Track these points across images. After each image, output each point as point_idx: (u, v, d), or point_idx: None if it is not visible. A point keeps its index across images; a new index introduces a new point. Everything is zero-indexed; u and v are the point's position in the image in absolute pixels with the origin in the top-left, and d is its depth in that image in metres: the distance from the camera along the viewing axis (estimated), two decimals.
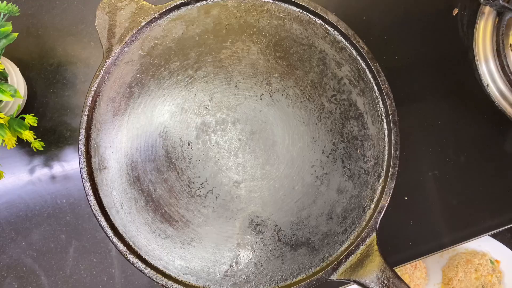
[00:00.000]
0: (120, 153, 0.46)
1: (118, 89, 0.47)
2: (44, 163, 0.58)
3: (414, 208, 0.56)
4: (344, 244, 0.45)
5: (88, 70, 0.60)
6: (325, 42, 0.48)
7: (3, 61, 0.54)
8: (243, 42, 0.48)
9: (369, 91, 0.47)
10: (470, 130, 0.58)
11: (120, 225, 0.45)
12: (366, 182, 0.46)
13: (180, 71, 0.47)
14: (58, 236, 0.56)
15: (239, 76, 0.47)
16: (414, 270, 0.77)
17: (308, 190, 0.46)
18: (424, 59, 0.59)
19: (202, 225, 0.45)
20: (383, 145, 0.46)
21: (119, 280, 0.55)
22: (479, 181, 0.57)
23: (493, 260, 0.77)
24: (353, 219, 0.45)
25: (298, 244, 0.45)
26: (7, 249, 0.56)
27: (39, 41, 0.61)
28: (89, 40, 0.61)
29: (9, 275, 0.55)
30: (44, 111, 0.59)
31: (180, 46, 0.48)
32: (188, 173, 0.46)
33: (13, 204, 0.57)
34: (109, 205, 0.45)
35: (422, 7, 0.60)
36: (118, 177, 0.46)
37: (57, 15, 0.62)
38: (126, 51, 0.47)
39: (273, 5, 0.49)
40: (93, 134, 0.46)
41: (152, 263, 0.44)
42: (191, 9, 0.49)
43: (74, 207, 0.57)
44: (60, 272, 0.55)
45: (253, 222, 0.45)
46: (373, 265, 0.43)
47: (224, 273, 0.44)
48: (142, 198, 0.45)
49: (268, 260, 0.44)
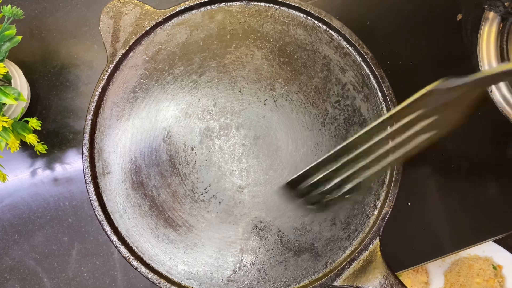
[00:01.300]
0: (124, 158, 0.46)
1: (122, 93, 0.47)
2: (47, 165, 0.58)
3: (417, 213, 0.56)
4: (348, 250, 0.45)
5: (91, 72, 0.60)
6: (329, 48, 0.48)
7: (7, 64, 0.54)
8: (247, 47, 0.48)
9: (373, 97, 0.47)
10: (473, 135, 0.58)
11: (123, 230, 0.45)
12: (369, 188, 0.46)
13: (184, 76, 0.47)
14: (60, 239, 0.56)
15: (243, 81, 0.47)
16: (416, 274, 0.77)
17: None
18: (427, 64, 0.59)
19: (205, 230, 0.45)
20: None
21: (121, 283, 0.55)
22: (482, 186, 0.57)
23: (495, 265, 0.77)
24: (357, 225, 0.45)
25: (301, 250, 0.45)
26: (9, 251, 0.56)
27: (42, 44, 0.61)
28: (92, 43, 0.61)
29: (12, 277, 0.55)
30: (47, 113, 0.59)
31: (184, 51, 0.48)
32: (192, 178, 0.46)
33: (16, 206, 0.57)
34: (112, 209, 0.45)
35: (426, 12, 0.60)
36: (122, 181, 0.46)
37: (61, 18, 0.62)
38: (130, 55, 0.47)
39: (278, 11, 0.49)
40: (97, 138, 0.46)
41: (155, 268, 0.44)
42: (195, 14, 0.49)
43: (77, 210, 0.57)
44: (62, 275, 0.55)
45: (257, 227, 0.45)
46: (376, 271, 0.43)
47: (227, 279, 0.44)
48: (145, 203, 0.45)
49: (271, 266, 0.44)
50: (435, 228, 0.56)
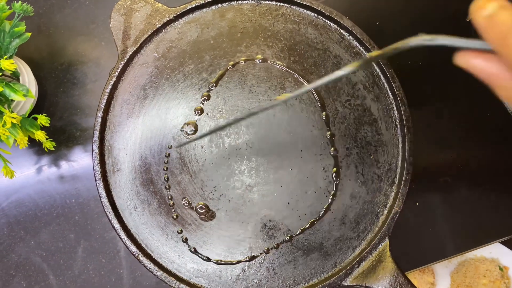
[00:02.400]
0: (134, 155, 0.46)
1: (133, 91, 0.47)
2: (54, 162, 0.58)
3: (425, 214, 0.56)
4: (357, 249, 0.45)
5: (99, 70, 0.60)
6: (340, 47, 0.48)
7: (15, 60, 0.54)
8: (258, 46, 0.48)
9: (383, 97, 0.47)
10: (482, 136, 0.58)
11: (133, 227, 0.45)
12: (379, 187, 0.46)
13: (195, 74, 0.47)
14: (67, 236, 0.56)
15: (253, 80, 0.47)
16: (423, 275, 0.77)
17: (321, 194, 0.46)
18: (436, 64, 0.59)
19: (214, 229, 0.45)
20: (397, 151, 0.46)
21: (127, 281, 0.55)
22: (490, 187, 0.57)
23: (502, 266, 0.77)
24: (366, 224, 0.45)
25: (311, 249, 0.45)
26: (16, 248, 0.56)
27: (50, 41, 0.61)
28: (100, 40, 0.61)
29: (18, 274, 0.55)
30: (54, 110, 0.59)
31: (195, 49, 0.48)
32: (201, 176, 0.46)
33: (23, 203, 0.57)
34: (122, 207, 0.45)
35: (436, 12, 0.60)
36: (132, 179, 0.45)
37: (68, 15, 0.62)
38: (141, 53, 0.47)
39: (288, 9, 0.49)
40: (107, 136, 0.46)
41: (164, 266, 0.44)
42: (206, 12, 0.49)
43: (83, 207, 0.57)
44: (68, 272, 0.55)
45: (266, 226, 0.45)
46: (385, 271, 0.43)
47: (236, 277, 0.44)
48: (155, 200, 0.45)
49: (280, 265, 0.44)
50: (443, 228, 0.56)
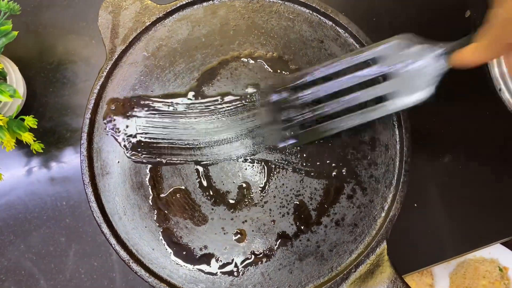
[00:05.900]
0: (123, 158, 0.44)
1: (122, 91, 0.45)
2: (44, 164, 0.57)
3: (424, 215, 0.55)
4: (354, 253, 0.43)
5: (89, 69, 0.59)
6: (335, 45, 0.47)
7: (2, 60, 0.53)
8: (251, 43, 0.47)
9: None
10: (482, 136, 0.56)
11: (123, 232, 0.43)
12: (376, 189, 0.45)
13: (186, 74, 0.46)
14: (57, 239, 0.55)
15: (247, 79, 0.46)
16: (421, 276, 0.76)
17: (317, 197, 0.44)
18: None
19: (207, 233, 0.44)
20: (395, 152, 0.45)
21: (120, 285, 0.54)
22: (490, 188, 0.56)
23: (502, 267, 0.76)
24: (363, 227, 0.44)
25: (306, 253, 0.43)
26: (5, 251, 0.55)
27: (38, 39, 0.60)
28: (91, 38, 0.60)
29: (8, 278, 0.54)
30: (44, 111, 0.57)
31: (186, 47, 0.46)
32: (193, 178, 0.45)
33: (12, 206, 0.56)
34: (111, 211, 0.44)
35: (434, 8, 0.59)
36: (121, 182, 0.44)
37: (58, 13, 0.60)
38: (130, 52, 0.46)
39: (282, 6, 0.47)
40: (96, 138, 0.45)
41: (156, 272, 0.43)
42: (197, 9, 0.47)
43: (74, 210, 0.55)
44: (59, 276, 0.54)
45: (260, 230, 0.44)
46: (383, 276, 0.42)
47: (230, 283, 0.43)
48: (145, 204, 0.44)
49: (275, 270, 0.43)
50: (441, 230, 0.55)
